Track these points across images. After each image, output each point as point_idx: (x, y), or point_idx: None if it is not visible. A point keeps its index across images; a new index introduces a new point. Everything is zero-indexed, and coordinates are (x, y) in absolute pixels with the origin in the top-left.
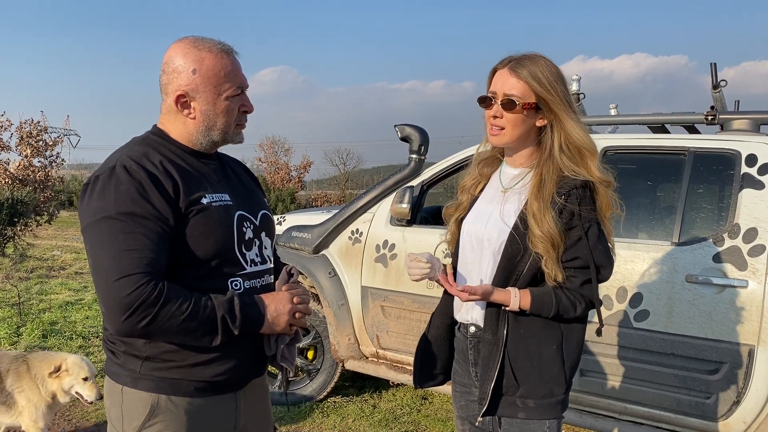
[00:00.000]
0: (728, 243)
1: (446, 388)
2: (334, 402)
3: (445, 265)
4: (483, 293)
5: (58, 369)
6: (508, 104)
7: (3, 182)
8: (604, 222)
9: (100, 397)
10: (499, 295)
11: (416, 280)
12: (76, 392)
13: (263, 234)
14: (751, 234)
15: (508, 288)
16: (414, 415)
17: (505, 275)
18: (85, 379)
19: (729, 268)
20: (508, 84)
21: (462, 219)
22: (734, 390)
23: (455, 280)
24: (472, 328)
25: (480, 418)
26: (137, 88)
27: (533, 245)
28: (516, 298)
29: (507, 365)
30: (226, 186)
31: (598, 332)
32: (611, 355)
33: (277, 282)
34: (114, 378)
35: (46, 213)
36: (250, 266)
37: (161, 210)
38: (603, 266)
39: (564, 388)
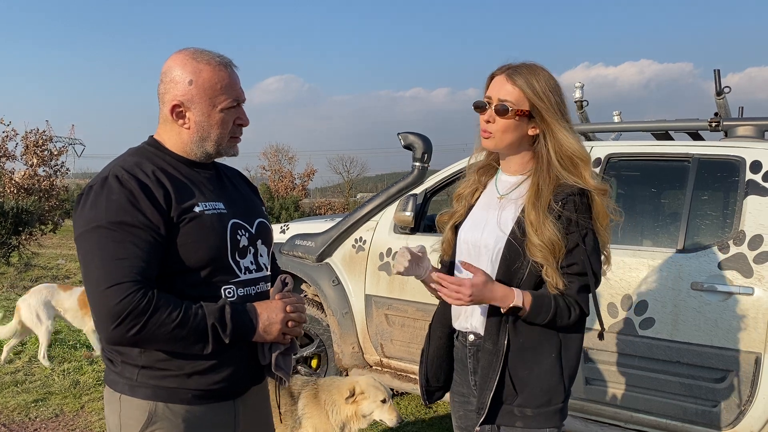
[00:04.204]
0: (733, 250)
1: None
2: None
3: (436, 268)
4: (483, 282)
5: (353, 393)
6: (501, 110)
7: (8, 191)
8: (599, 231)
9: (402, 420)
10: (500, 289)
11: (398, 272)
12: (378, 417)
13: (259, 242)
14: (757, 241)
15: (512, 287)
16: (418, 424)
17: (506, 282)
18: (383, 402)
19: (734, 276)
20: (503, 90)
21: (458, 226)
22: (741, 398)
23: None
24: (471, 337)
25: (478, 428)
26: (142, 98)
27: (531, 254)
28: (521, 295)
29: (506, 375)
30: (221, 194)
31: (600, 336)
32: (617, 364)
33: (271, 290)
34: (112, 386)
35: (50, 222)
36: (245, 274)
37: (152, 219)
38: (597, 274)
39: (563, 397)
